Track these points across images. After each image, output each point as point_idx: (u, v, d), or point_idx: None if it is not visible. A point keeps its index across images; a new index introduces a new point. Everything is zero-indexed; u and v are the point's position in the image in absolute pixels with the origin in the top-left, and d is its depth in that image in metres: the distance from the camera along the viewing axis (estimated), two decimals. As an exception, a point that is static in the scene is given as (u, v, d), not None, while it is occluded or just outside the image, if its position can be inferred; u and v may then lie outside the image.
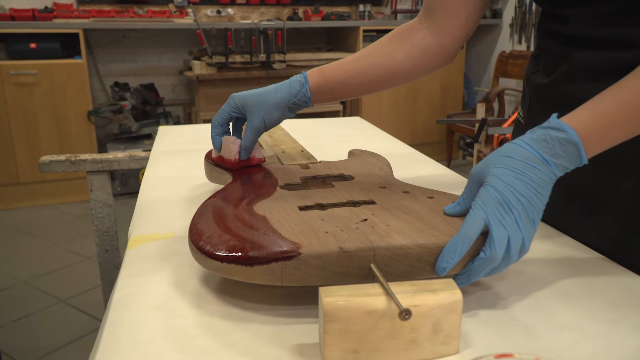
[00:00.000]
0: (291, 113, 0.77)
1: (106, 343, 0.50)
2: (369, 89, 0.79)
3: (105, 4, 3.50)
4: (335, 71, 0.77)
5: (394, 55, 0.77)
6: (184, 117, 3.81)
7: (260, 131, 0.76)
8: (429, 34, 0.76)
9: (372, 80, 0.78)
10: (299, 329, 0.51)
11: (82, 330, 1.99)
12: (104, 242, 1.44)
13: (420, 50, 0.77)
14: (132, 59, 3.68)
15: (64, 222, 3.01)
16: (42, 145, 3.12)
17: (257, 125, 0.76)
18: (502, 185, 0.52)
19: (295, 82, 0.76)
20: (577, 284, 0.60)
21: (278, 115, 0.76)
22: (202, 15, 3.70)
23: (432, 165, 1.07)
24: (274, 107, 0.75)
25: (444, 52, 0.77)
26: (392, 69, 0.77)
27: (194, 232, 0.56)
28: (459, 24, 0.75)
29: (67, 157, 1.38)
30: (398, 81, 0.79)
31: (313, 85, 0.76)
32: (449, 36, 0.76)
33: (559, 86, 0.71)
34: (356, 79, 0.78)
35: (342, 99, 0.80)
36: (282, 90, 0.76)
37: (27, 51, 3.02)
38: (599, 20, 0.64)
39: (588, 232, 0.71)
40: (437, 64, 0.78)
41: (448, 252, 0.51)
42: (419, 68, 0.78)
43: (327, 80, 0.77)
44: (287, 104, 0.75)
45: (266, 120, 0.76)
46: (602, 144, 0.54)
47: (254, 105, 0.76)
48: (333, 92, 0.77)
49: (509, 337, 0.50)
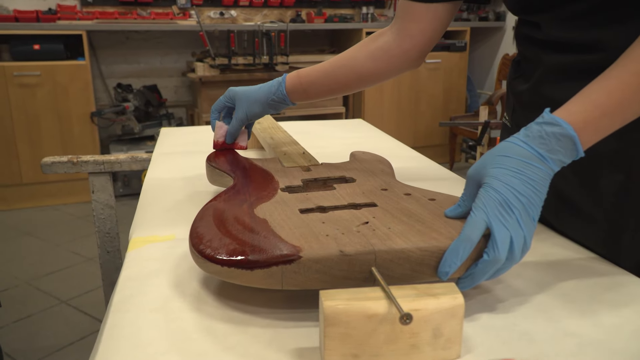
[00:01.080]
0: (272, 109, 0.86)
1: (106, 345, 0.50)
2: (340, 89, 0.86)
3: (108, 5, 3.51)
4: (310, 73, 0.85)
5: (359, 57, 0.84)
6: (186, 119, 3.81)
7: (243, 121, 0.87)
8: (392, 38, 0.82)
9: (340, 81, 0.85)
10: (298, 333, 0.51)
11: (83, 331, 1.99)
12: (105, 244, 1.44)
13: (382, 52, 0.82)
14: (135, 60, 3.69)
15: (65, 223, 3.01)
16: (44, 146, 3.12)
17: (240, 116, 0.86)
18: (502, 185, 0.52)
19: (275, 82, 0.85)
20: (577, 288, 0.59)
21: (259, 110, 0.86)
22: (205, 17, 3.71)
23: (434, 168, 1.07)
24: (255, 102, 0.85)
25: (405, 54, 0.82)
26: (356, 70, 0.84)
27: (195, 236, 0.56)
28: (419, 29, 0.80)
29: (69, 159, 1.38)
30: (364, 82, 0.85)
31: (289, 85, 0.85)
32: (409, 39, 0.80)
33: (536, 90, 0.73)
34: (326, 80, 0.85)
35: (317, 99, 0.88)
36: (264, 88, 0.86)
37: (30, 52, 3.03)
38: (566, 24, 0.65)
39: (577, 232, 0.72)
40: (399, 66, 0.83)
41: (450, 256, 0.51)
42: (382, 70, 0.83)
43: (302, 80, 0.85)
44: (266, 100, 0.85)
45: (248, 113, 0.86)
46: (597, 134, 0.55)
47: (241, 99, 0.86)
48: (307, 92, 0.85)
49: (510, 342, 0.50)
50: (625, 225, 0.67)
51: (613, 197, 0.67)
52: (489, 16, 4.14)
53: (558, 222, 0.75)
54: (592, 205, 0.69)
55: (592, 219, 0.70)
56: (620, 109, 0.55)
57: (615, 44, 0.60)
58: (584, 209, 0.70)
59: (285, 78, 0.85)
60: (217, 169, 0.80)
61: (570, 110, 0.54)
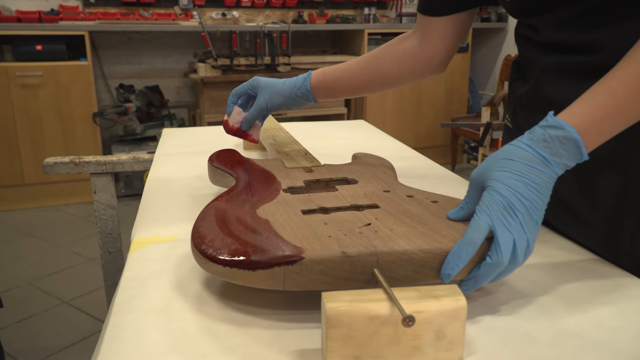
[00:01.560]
0: (293, 104, 0.88)
1: (107, 346, 0.50)
2: (363, 89, 0.88)
3: (110, 6, 3.51)
4: (335, 71, 0.87)
5: (384, 59, 0.86)
6: (188, 120, 3.82)
7: (262, 110, 0.88)
8: (417, 43, 0.84)
9: (364, 81, 0.87)
10: (300, 334, 0.51)
11: (84, 332, 1.99)
12: (107, 244, 1.44)
13: (407, 56, 0.84)
14: (137, 61, 3.69)
15: (67, 223, 3.02)
16: (46, 147, 3.13)
17: (260, 104, 0.88)
18: (506, 189, 0.52)
19: (300, 77, 0.88)
20: (579, 290, 0.59)
21: (280, 102, 0.87)
22: (207, 17, 3.71)
23: (436, 169, 1.07)
24: (278, 94, 0.87)
25: (429, 60, 0.83)
26: (381, 71, 0.86)
27: (197, 236, 0.56)
28: (441, 35, 0.81)
29: (71, 159, 1.38)
30: (387, 84, 0.87)
31: (314, 82, 0.87)
32: (431, 46, 0.82)
33: (535, 90, 0.73)
34: (350, 79, 0.87)
35: (340, 97, 0.90)
36: (289, 82, 0.88)
37: (33, 53, 3.03)
38: (563, 26, 0.65)
39: (577, 233, 0.72)
40: (423, 71, 0.85)
41: (452, 258, 0.51)
42: (406, 73, 0.85)
43: (327, 78, 0.87)
44: (290, 94, 0.87)
45: (269, 102, 0.87)
46: (600, 136, 0.55)
47: (264, 88, 0.88)
48: (331, 89, 0.87)
49: (513, 344, 0.50)
50: (624, 226, 0.67)
51: (612, 198, 0.67)
52: (491, 17, 4.14)
53: (558, 223, 0.75)
54: (591, 206, 0.69)
55: (591, 220, 0.69)
56: (624, 111, 0.55)
57: (613, 44, 0.60)
58: (583, 210, 0.70)
59: (311, 74, 0.87)
60: (219, 170, 0.80)
61: (573, 113, 0.54)
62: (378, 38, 3.72)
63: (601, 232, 0.69)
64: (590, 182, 0.68)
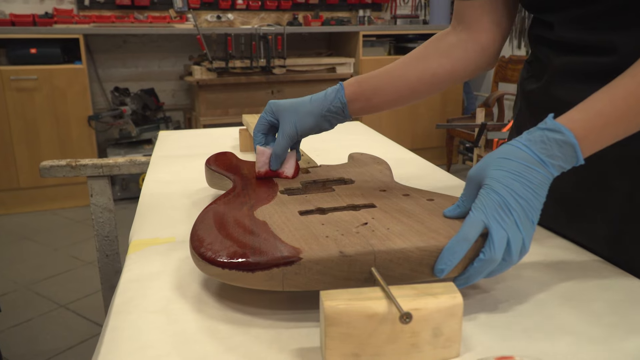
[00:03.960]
0: (327, 123, 0.75)
1: (107, 347, 0.50)
2: (408, 95, 0.76)
3: (105, 9, 3.51)
4: (371, 77, 0.75)
5: (431, 56, 0.76)
6: (184, 122, 3.82)
7: (292, 137, 0.74)
8: (465, 35, 0.75)
9: (410, 85, 0.75)
10: (299, 333, 0.51)
11: (82, 336, 1.98)
12: (104, 247, 1.44)
13: (458, 49, 0.75)
14: (133, 64, 3.69)
15: (63, 227, 3.01)
16: (42, 150, 3.12)
17: (288, 131, 0.73)
18: (502, 187, 0.52)
19: (331, 90, 0.75)
20: (576, 287, 0.60)
21: (312, 123, 0.74)
22: (203, 20, 3.72)
23: (432, 170, 1.08)
24: (307, 115, 0.73)
25: (484, 51, 0.75)
26: (430, 69, 0.75)
27: (195, 239, 0.56)
28: (492, 20, 0.74)
29: (67, 162, 1.38)
30: (437, 84, 0.76)
31: (349, 92, 0.74)
32: (485, 33, 0.75)
33: (547, 90, 0.72)
34: (394, 83, 0.75)
35: (381, 108, 0.77)
36: (317, 98, 0.74)
37: (27, 56, 3.03)
38: (580, 25, 0.65)
39: (580, 235, 0.72)
40: (477, 63, 0.76)
41: (446, 254, 0.52)
42: (459, 68, 0.75)
43: (363, 87, 0.74)
44: (321, 111, 0.73)
45: (298, 126, 0.73)
46: (598, 143, 0.55)
47: (287, 111, 0.74)
48: (369, 99, 0.75)
49: (509, 340, 0.50)
50: (630, 228, 0.67)
51: (619, 199, 0.67)
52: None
53: (558, 224, 0.75)
54: (597, 207, 0.69)
55: (597, 221, 0.69)
56: (624, 120, 0.54)
57: (629, 48, 0.60)
58: (589, 211, 0.70)
59: (343, 85, 0.75)
60: (217, 172, 0.81)
61: (573, 117, 0.54)
62: (373, 40, 3.73)
63: (607, 233, 0.68)
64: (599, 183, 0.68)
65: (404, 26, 3.90)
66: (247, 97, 3.44)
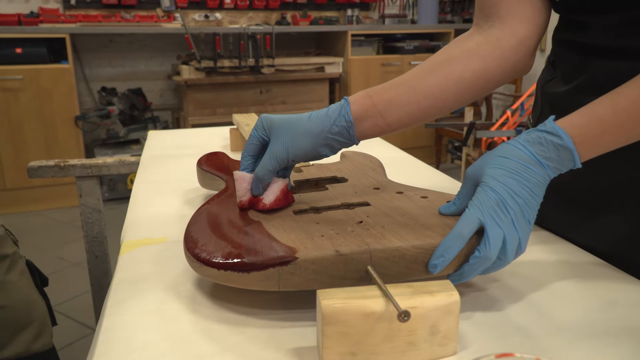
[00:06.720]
0: (326, 148, 0.60)
1: (101, 349, 0.49)
2: (431, 106, 0.63)
3: (91, 8, 3.48)
4: (384, 89, 0.63)
5: (458, 59, 0.64)
6: (172, 122, 3.79)
7: (280, 160, 0.60)
8: (498, 30, 0.64)
9: (434, 93, 0.63)
10: (295, 333, 0.51)
11: (70, 337, 1.96)
12: (93, 248, 1.43)
13: (490, 46, 0.64)
14: (120, 63, 3.66)
15: (50, 228, 2.98)
16: (28, 151, 3.09)
17: (277, 151, 0.60)
18: (499, 185, 0.52)
19: (334, 107, 0.61)
20: (571, 286, 0.60)
21: (308, 146, 0.60)
22: (190, 19, 3.69)
23: (423, 168, 1.08)
24: (304, 135, 0.59)
25: (521, 44, 0.64)
26: (456, 73, 0.63)
27: (189, 240, 0.56)
28: (534, 7, 0.64)
29: (56, 163, 1.36)
30: (468, 90, 0.64)
31: (356, 108, 0.61)
32: (524, 24, 0.64)
33: (577, 96, 0.67)
34: (414, 95, 0.62)
35: (397, 127, 0.63)
36: (318, 116, 0.61)
37: (13, 56, 2.99)
38: (620, 29, 0.61)
39: (586, 235, 0.71)
40: (514, 62, 0.65)
41: (440, 250, 0.52)
42: (492, 68, 0.64)
43: (374, 100, 0.62)
44: (322, 132, 0.59)
45: (290, 147, 0.60)
46: (596, 149, 0.55)
47: (279, 127, 0.61)
48: (384, 115, 0.62)
49: (505, 337, 0.50)
50: None
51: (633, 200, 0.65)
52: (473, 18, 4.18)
53: (564, 227, 0.74)
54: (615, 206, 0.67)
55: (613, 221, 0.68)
56: (624, 129, 0.54)
57: None
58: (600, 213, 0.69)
59: (348, 100, 0.61)
60: (209, 173, 0.80)
61: (573, 122, 0.54)
62: (361, 39, 3.73)
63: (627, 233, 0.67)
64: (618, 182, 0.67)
65: (392, 25, 3.90)
66: (236, 96, 3.43)
